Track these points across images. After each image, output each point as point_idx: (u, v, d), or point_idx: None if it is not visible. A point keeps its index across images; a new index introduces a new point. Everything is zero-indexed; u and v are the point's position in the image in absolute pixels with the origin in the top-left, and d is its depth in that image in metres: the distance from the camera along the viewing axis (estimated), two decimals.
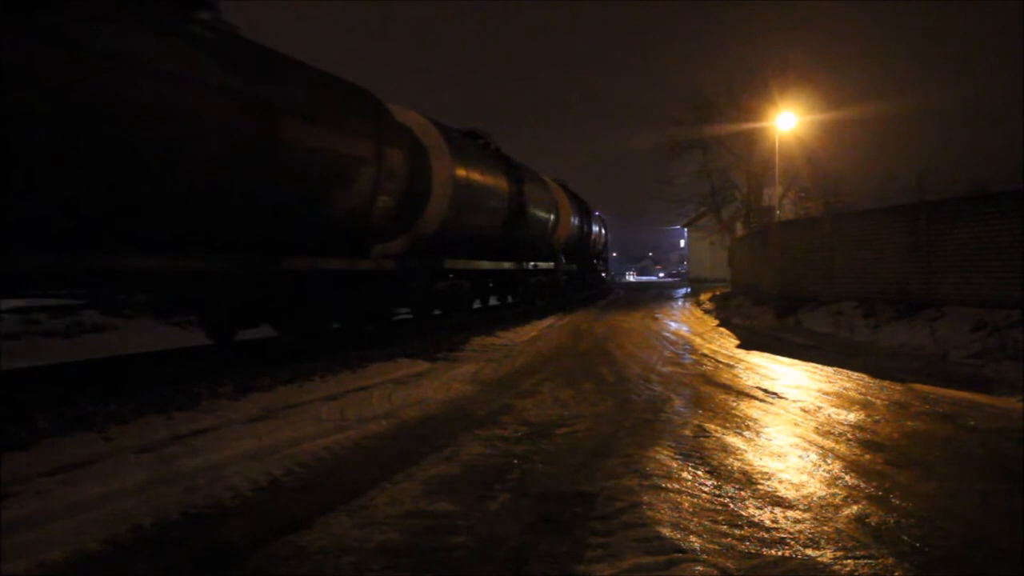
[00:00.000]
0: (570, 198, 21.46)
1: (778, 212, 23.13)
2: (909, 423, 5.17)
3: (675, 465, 4.06)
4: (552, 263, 18.66)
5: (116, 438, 4.54)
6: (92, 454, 4.17)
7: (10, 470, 3.77)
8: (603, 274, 30.66)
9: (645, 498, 3.46)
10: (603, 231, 28.87)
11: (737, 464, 4.11)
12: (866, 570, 2.67)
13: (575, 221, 21.47)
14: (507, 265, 14.90)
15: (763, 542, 2.93)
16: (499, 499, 3.52)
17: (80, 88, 4.97)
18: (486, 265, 13.66)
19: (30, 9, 4.65)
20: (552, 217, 17.64)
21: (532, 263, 16.60)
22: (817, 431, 4.94)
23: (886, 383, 6.87)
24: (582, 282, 24.97)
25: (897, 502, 3.42)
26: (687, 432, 4.90)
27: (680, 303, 24.11)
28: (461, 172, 11.42)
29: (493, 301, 17.13)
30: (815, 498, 3.50)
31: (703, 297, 25.60)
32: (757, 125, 26.85)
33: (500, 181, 13.47)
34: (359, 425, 5.12)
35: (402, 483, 3.78)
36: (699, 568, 2.67)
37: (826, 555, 2.79)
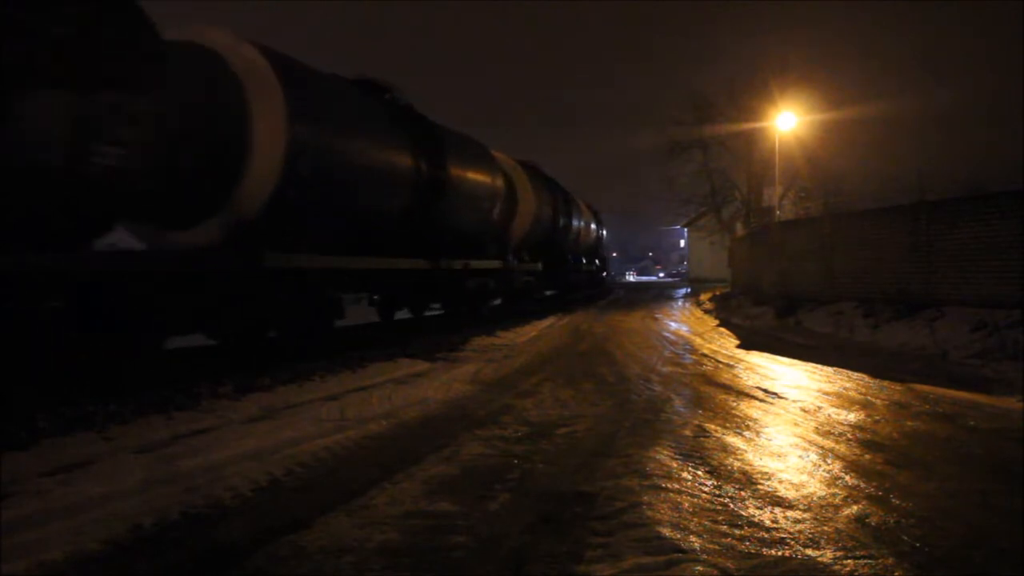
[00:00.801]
0: (536, 182, 17.32)
1: (778, 212, 23.12)
2: (909, 423, 5.17)
3: (675, 465, 4.06)
4: (499, 262, 14.33)
5: (116, 438, 4.54)
6: (92, 454, 4.17)
7: (10, 470, 3.77)
8: (603, 274, 30.55)
9: (645, 498, 3.46)
10: (595, 227, 26.36)
11: (737, 464, 4.11)
12: (866, 570, 2.67)
13: (544, 211, 17.47)
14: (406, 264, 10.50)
15: (763, 542, 2.93)
16: (499, 499, 3.52)
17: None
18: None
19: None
20: (497, 204, 13.49)
21: (462, 262, 12.22)
22: (817, 431, 4.94)
23: (886, 383, 6.87)
24: (553, 283, 20.80)
25: (897, 502, 3.42)
26: (687, 432, 4.90)
27: (680, 303, 24.11)
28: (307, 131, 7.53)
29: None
30: (815, 498, 3.50)
31: (703, 297, 25.60)
32: (757, 125, 26.84)
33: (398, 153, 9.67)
34: (359, 425, 5.12)
35: (402, 483, 3.78)
36: (699, 568, 2.67)
37: (826, 555, 2.79)
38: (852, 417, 5.37)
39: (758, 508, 3.35)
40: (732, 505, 3.39)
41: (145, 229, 7.19)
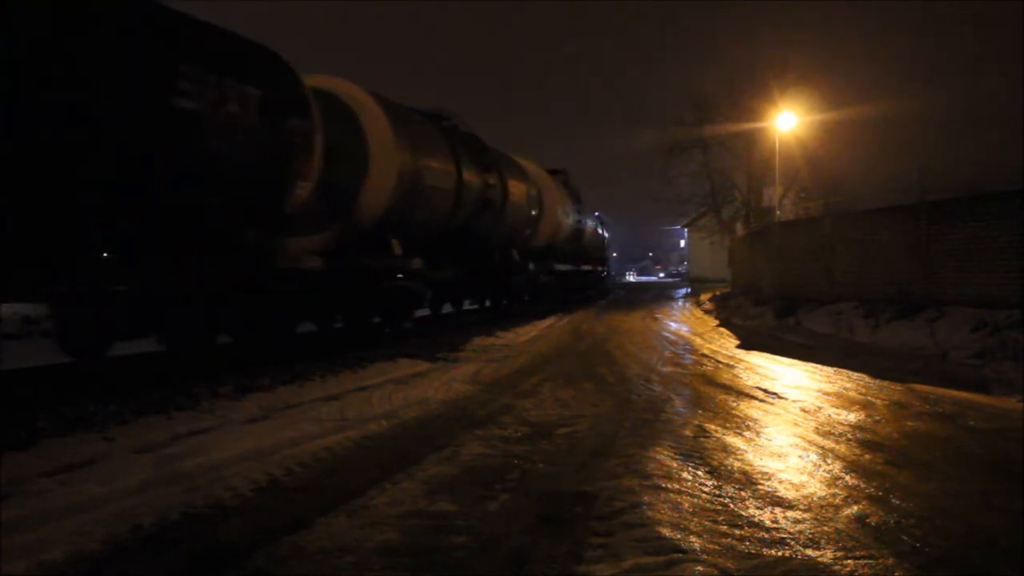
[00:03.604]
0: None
1: (778, 212, 23.12)
2: (909, 423, 5.17)
3: (675, 465, 4.06)
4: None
5: (116, 438, 4.54)
6: (92, 454, 4.17)
7: (10, 470, 3.77)
8: (604, 274, 30.52)
9: (645, 498, 3.46)
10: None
11: (737, 464, 4.11)
12: (866, 570, 2.67)
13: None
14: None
15: (763, 542, 2.93)
16: (499, 499, 3.52)
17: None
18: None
19: None
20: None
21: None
22: (817, 431, 4.94)
23: (886, 383, 6.87)
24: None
25: (897, 502, 3.42)
26: (687, 432, 4.90)
27: (680, 303, 24.12)
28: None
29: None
30: (815, 498, 3.50)
31: (703, 297, 25.60)
32: (757, 125, 26.85)
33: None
34: (359, 425, 5.12)
35: (402, 483, 3.78)
36: (699, 568, 2.67)
37: (826, 555, 2.79)
38: (852, 417, 5.37)
39: (758, 508, 3.35)
40: (732, 505, 3.39)
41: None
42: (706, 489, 3.63)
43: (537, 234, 16.76)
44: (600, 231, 26.70)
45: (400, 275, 10.10)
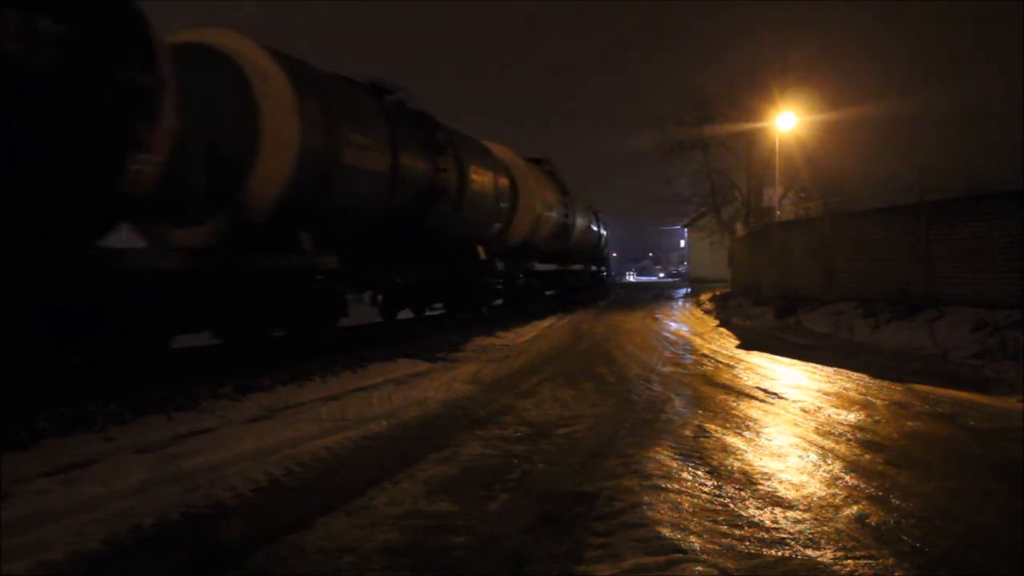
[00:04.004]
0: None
1: (778, 212, 23.12)
2: (909, 423, 5.17)
3: (675, 465, 4.06)
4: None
5: (116, 438, 4.54)
6: (92, 454, 4.17)
7: (10, 470, 3.77)
8: (604, 274, 30.49)
9: (645, 498, 3.46)
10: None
11: (737, 464, 4.11)
12: (866, 570, 2.67)
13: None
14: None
15: (763, 542, 2.93)
16: (499, 499, 3.52)
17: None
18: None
19: None
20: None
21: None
22: (817, 431, 4.93)
23: (886, 383, 6.87)
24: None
25: (897, 502, 3.42)
26: (687, 432, 4.90)
27: (680, 303, 24.12)
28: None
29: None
30: (815, 498, 3.50)
31: (703, 297, 25.61)
32: (757, 125, 26.85)
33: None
34: (359, 425, 5.12)
35: (402, 483, 3.78)
36: (699, 568, 2.67)
37: (826, 555, 2.79)
38: (852, 417, 5.37)
39: (758, 508, 3.35)
40: (732, 505, 3.39)
41: None
42: (706, 489, 3.63)
43: (511, 230, 14.54)
44: (595, 228, 24.82)
45: (320, 276, 8.40)
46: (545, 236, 16.96)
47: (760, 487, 3.68)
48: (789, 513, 3.28)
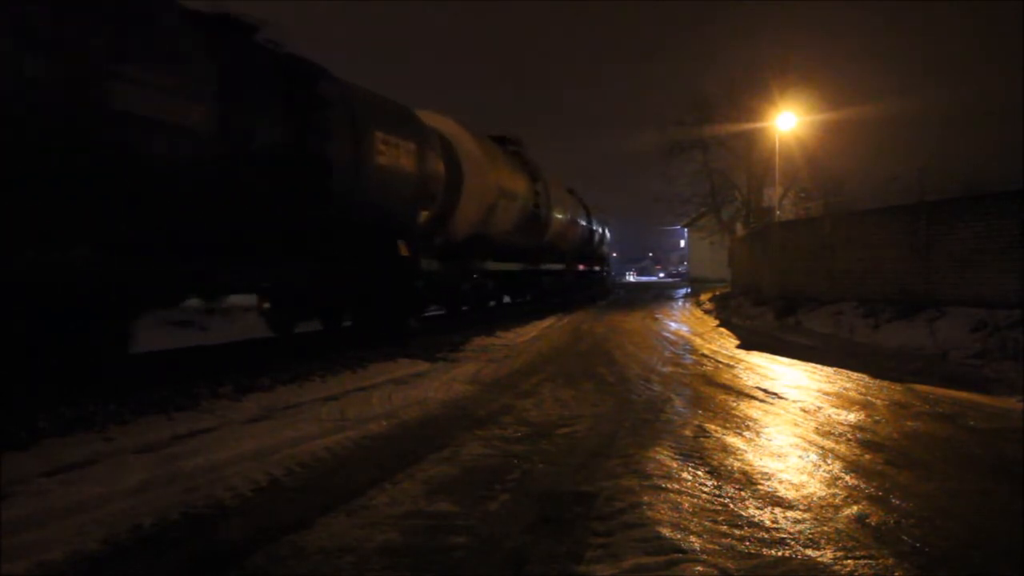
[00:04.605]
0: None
1: (778, 212, 23.13)
2: (909, 423, 5.17)
3: (675, 465, 4.06)
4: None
5: (116, 438, 4.54)
6: (92, 454, 4.17)
7: (10, 470, 3.77)
8: (604, 275, 30.50)
9: (645, 498, 3.46)
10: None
11: (737, 464, 4.11)
12: (866, 570, 2.67)
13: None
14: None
15: (763, 542, 2.93)
16: (499, 499, 3.52)
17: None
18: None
19: None
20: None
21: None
22: (817, 431, 4.94)
23: (886, 383, 6.87)
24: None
25: (897, 502, 3.42)
26: (687, 432, 4.90)
27: (680, 303, 24.12)
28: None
29: None
30: (815, 498, 3.50)
31: (703, 297, 25.62)
32: (757, 125, 26.83)
33: None
34: (359, 425, 5.12)
35: (402, 483, 3.78)
36: (699, 568, 2.67)
37: (826, 555, 2.79)
38: (852, 417, 5.37)
39: (758, 508, 3.34)
40: (732, 505, 3.39)
41: None
42: (706, 489, 3.63)
43: (454, 220, 11.76)
44: (585, 223, 22.52)
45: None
46: (507, 229, 14.09)
47: (760, 487, 3.68)
48: (789, 513, 3.28)
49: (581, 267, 23.32)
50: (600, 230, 26.46)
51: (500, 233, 13.83)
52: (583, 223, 22.22)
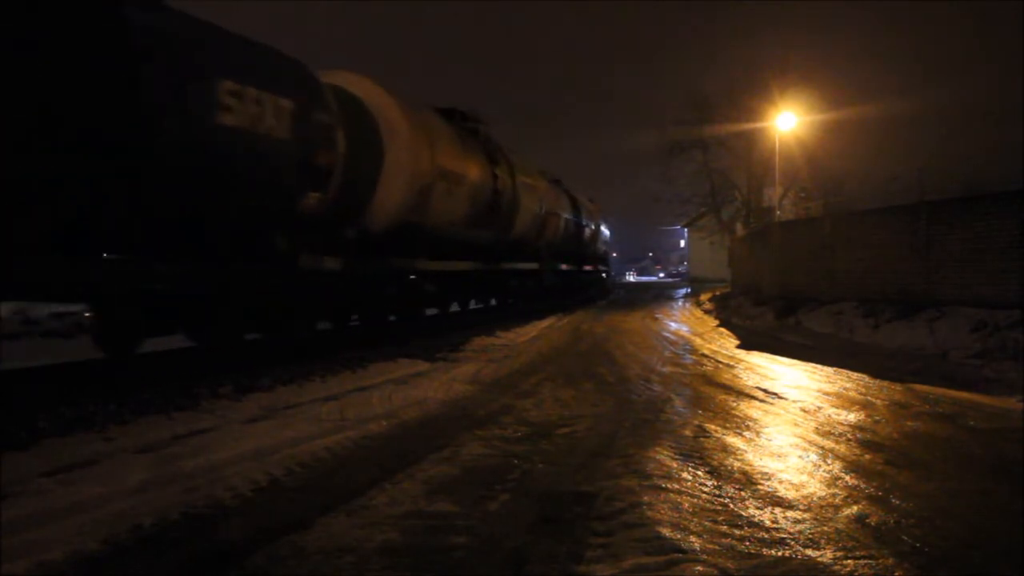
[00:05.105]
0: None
1: (778, 212, 23.14)
2: (909, 423, 5.17)
3: (675, 465, 4.06)
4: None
5: (116, 438, 4.54)
6: (92, 454, 4.17)
7: (10, 470, 3.77)
8: (603, 275, 30.46)
9: (645, 498, 3.46)
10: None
11: (737, 464, 4.11)
12: (866, 570, 2.67)
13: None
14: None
15: (763, 542, 2.92)
16: (499, 499, 3.52)
17: None
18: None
19: None
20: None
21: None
22: (817, 431, 4.93)
23: (886, 383, 6.87)
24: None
25: (897, 502, 3.42)
26: (687, 432, 4.90)
27: (680, 303, 24.12)
28: None
29: None
30: (815, 498, 3.50)
31: (703, 297, 25.61)
32: (757, 125, 26.84)
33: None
34: (359, 425, 5.12)
35: (402, 483, 3.78)
36: (699, 568, 2.67)
37: (826, 555, 2.79)
38: (852, 417, 5.37)
39: (758, 508, 3.34)
40: (732, 505, 3.39)
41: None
42: (706, 489, 3.63)
43: (372, 207, 9.41)
44: (572, 218, 20.55)
45: None
46: (454, 220, 11.69)
47: (760, 487, 3.68)
48: (789, 513, 3.28)
49: (564, 267, 20.46)
50: (593, 226, 24.39)
51: (444, 224, 11.35)
52: (568, 217, 19.73)
